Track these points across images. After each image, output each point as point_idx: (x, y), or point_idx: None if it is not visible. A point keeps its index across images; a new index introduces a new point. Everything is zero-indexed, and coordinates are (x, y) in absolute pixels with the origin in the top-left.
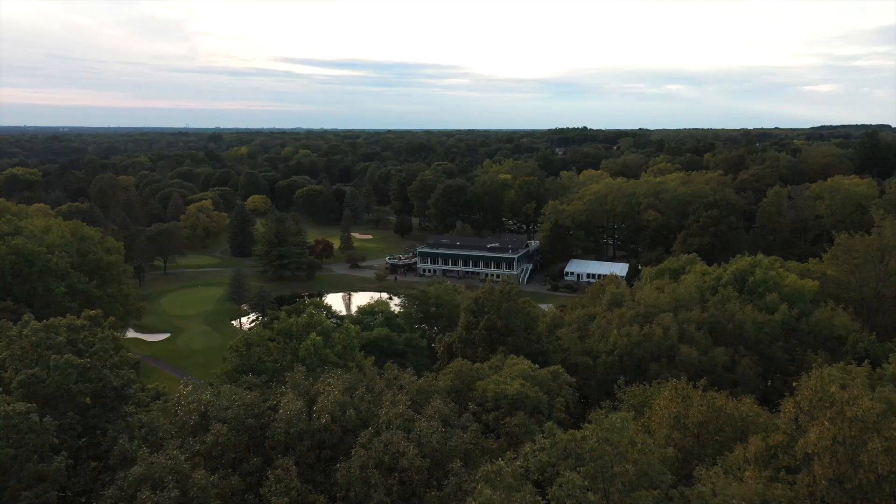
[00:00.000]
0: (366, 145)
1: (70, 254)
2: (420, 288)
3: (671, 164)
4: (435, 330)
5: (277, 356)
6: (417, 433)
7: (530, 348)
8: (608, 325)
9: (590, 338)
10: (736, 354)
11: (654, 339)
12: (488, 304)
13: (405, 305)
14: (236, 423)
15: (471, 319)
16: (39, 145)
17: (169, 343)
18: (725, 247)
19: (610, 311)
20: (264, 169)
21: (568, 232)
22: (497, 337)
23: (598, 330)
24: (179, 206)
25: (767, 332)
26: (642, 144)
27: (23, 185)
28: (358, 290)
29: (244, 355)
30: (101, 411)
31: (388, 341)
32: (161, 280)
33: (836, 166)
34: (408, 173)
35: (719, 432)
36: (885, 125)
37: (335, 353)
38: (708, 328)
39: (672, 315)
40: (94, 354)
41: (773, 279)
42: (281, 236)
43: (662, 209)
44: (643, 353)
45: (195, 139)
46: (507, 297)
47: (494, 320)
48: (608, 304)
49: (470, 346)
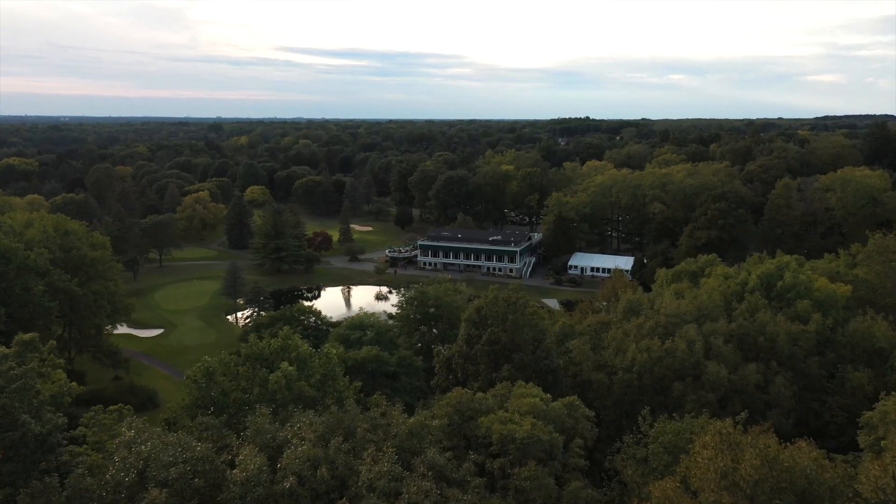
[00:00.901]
0: (367, 135)
1: (52, 250)
2: (418, 288)
3: (676, 154)
4: (434, 332)
5: (246, 384)
6: (406, 499)
7: (539, 366)
8: (625, 337)
9: (604, 350)
10: (768, 371)
11: (677, 355)
12: (492, 315)
13: (402, 306)
14: (181, 484)
15: (472, 332)
16: (39, 135)
17: (162, 339)
18: (734, 240)
19: (626, 321)
20: (264, 159)
21: (572, 224)
22: (501, 352)
23: (613, 342)
24: (176, 198)
25: (801, 346)
26: (645, 135)
27: (19, 175)
28: (357, 283)
29: (204, 388)
30: (17, 467)
31: (377, 362)
32: (156, 273)
33: (845, 157)
34: (408, 164)
35: (779, 493)
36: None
37: (313, 383)
38: (736, 341)
39: (696, 327)
40: (15, 393)
41: (803, 284)
42: (278, 229)
43: (668, 201)
44: (665, 371)
45: (196, 129)
46: (512, 308)
47: (499, 334)
48: (624, 312)
49: (471, 361)
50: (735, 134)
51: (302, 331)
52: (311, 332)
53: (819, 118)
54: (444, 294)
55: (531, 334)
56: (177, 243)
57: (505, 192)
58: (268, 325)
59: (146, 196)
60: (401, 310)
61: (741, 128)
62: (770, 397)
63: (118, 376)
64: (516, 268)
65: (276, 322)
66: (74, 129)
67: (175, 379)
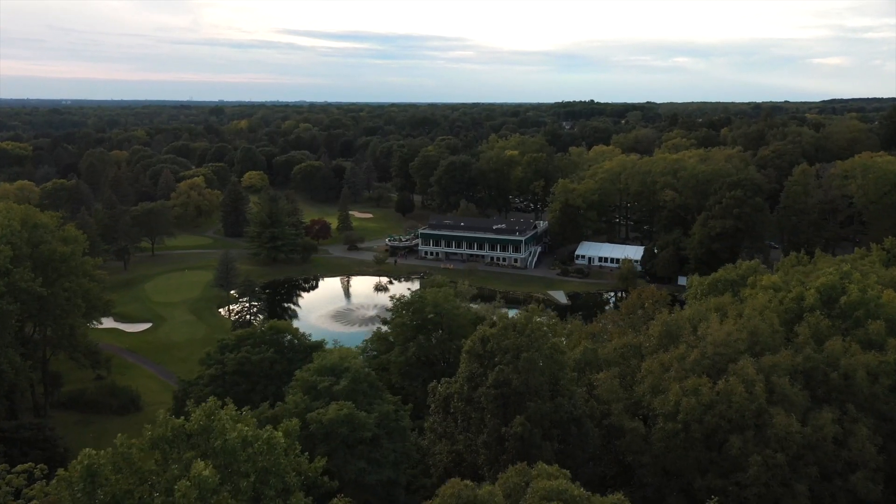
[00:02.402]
0: (368, 119)
1: (17, 245)
2: (414, 292)
3: (686, 139)
4: (433, 340)
5: (154, 483)
6: None
7: (559, 415)
8: (663, 371)
9: (637, 385)
10: (844, 418)
11: (734, 401)
12: (500, 349)
13: (397, 312)
14: None
15: (475, 368)
16: (39, 118)
17: (149, 334)
18: (750, 230)
19: (663, 349)
20: (263, 144)
21: (579, 212)
22: (512, 398)
23: (649, 376)
24: (171, 184)
25: (882, 382)
26: (651, 118)
27: (12, 160)
28: (355, 274)
29: (85, 496)
30: None
31: (349, 426)
32: (147, 263)
33: (862, 142)
34: (410, 149)
35: None
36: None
37: (244, 488)
38: (803, 378)
39: (753, 361)
40: None
41: (873, 300)
42: (274, 217)
43: (680, 188)
44: (719, 421)
45: (197, 112)
46: (526, 341)
47: (509, 375)
48: (659, 337)
49: (474, 406)
50: (745, 118)
51: (276, 353)
52: (287, 353)
53: (826, 101)
54: (444, 300)
55: (550, 371)
56: (169, 231)
57: (509, 178)
58: (234, 347)
59: (140, 182)
60: (396, 314)
61: (748, 111)
62: (851, 454)
63: (100, 375)
64: (521, 258)
65: (245, 342)
66: (75, 112)
67: (161, 379)
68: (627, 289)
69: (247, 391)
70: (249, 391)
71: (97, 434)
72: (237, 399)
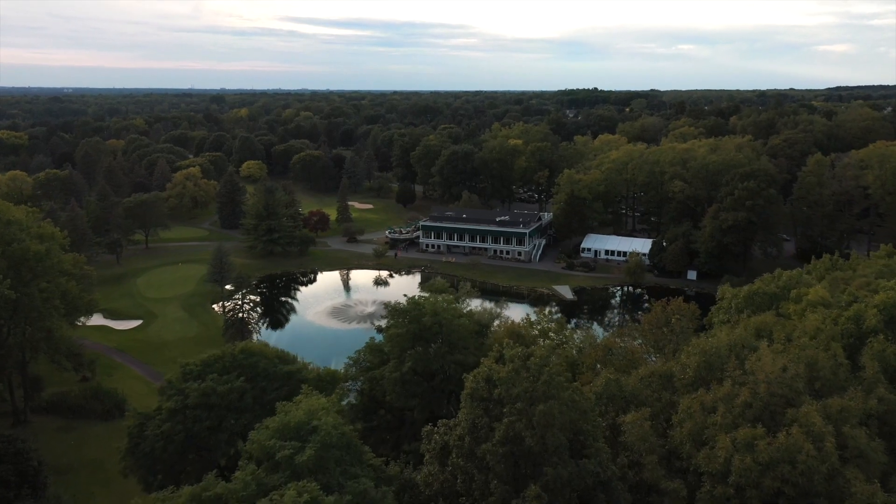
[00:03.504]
0: (370, 107)
1: None
2: (410, 298)
3: (694, 128)
4: (432, 351)
5: None
6: None
7: (582, 479)
8: (705, 412)
9: (674, 429)
10: None
11: (799, 460)
12: (510, 396)
13: (391, 320)
14: None
15: (479, 416)
16: (40, 107)
17: (139, 332)
18: (764, 223)
19: (701, 383)
20: (262, 132)
21: (584, 204)
22: (525, 459)
23: (688, 421)
24: (166, 174)
25: None
26: (656, 106)
27: (7, 149)
28: (354, 267)
29: None
30: None
31: None
32: (141, 256)
33: (876, 131)
34: (411, 138)
35: None
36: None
37: None
38: (876, 425)
39: (818, 405)
40: None
41: None
42: (270, 208)
43: (690, 179)
44: (781, 486)
45: (198, 100)
46: (544, 388)
47: (521, 431)
48: (697, 369)
49: (478, 466)
50: (753, 106)
51: (247, 382)
52: (260, 381)
53: (832, 89)
54: (444, 308)
55: (571, 422)
56: (164, 223)
57: (513, 168)
58: (198, 375)
59: (135, 172)
60: (391, 323)
61: (753, 99)
62: None
63: (85, 377)
64: (525, 251)
65: (211, 368)
66: (76, 100)
67: (148, 381)
68: (635, 283)
69: (211, 428)
70: (214, 428)
71: (78, 442)
72: (199, 437)
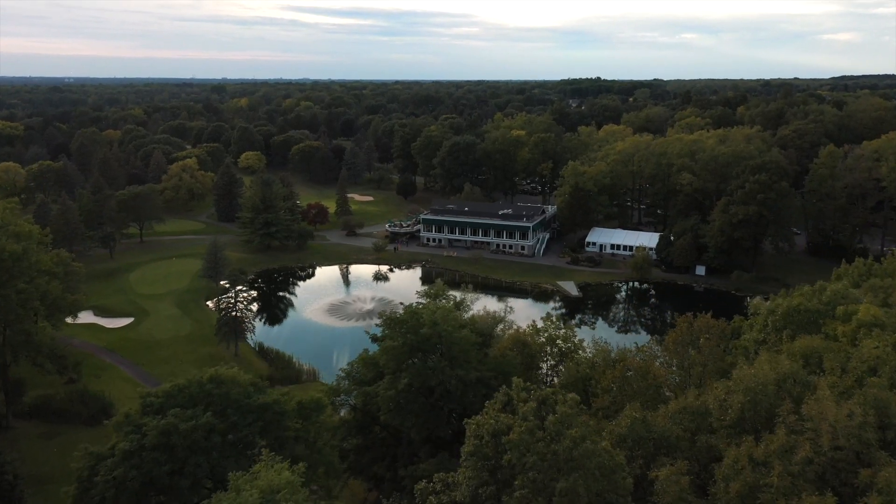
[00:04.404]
0: (371, 97)
1: None
2: (408, 307)
3: (700, 118)
4: (429, 364)
5: None
6: None
7: None
8: (754, 467)
9: (716, 486)
10: None
11: None
12: (522, 465)
13: (386, 331)
14: None
15: (483, 480)
16: (40, 96)
17: (130, 330)
18: (775, 217)
19: (747, 430)
20: (261, 123)
21: (590, 196)
22: None
23: (734, 478)
24: (162, 165)
25: None
26: (660, 96)
27: (2, 140)
28: (354, 262)
29: None
30: None
31: None
32: (135, 250)
33: (889, 121)
34: (412, 128)
35: None
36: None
37: None
38: None
39: (891, 458)
40: None
41: None
42: (267, 201)
43: (698, 171)
44: None
45: (198, 90)
46: (566, 454)
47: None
48: (741, 410)
49: None
50: (759, 95)
51: (215, 416)
52: (231, 415)
53: (837, 78)
54: (443, 319)
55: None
56: (159, 216)
57: (515, 159)
58: (158, 408)
59: (131, 163)
60: (386, 334)
61: (758, 88)
62: None
63: (71, 379)
64: (528, 245)
65: (174, 400)
66: (76, 90)
67: (138, 382)
68: (642, 279)
69: (171, 473)
70: (175, 473)
71: (62, 448)
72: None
